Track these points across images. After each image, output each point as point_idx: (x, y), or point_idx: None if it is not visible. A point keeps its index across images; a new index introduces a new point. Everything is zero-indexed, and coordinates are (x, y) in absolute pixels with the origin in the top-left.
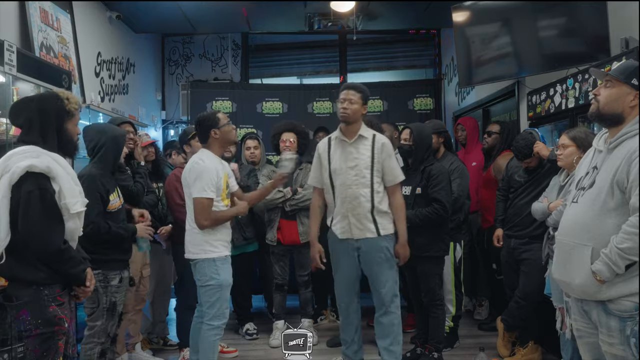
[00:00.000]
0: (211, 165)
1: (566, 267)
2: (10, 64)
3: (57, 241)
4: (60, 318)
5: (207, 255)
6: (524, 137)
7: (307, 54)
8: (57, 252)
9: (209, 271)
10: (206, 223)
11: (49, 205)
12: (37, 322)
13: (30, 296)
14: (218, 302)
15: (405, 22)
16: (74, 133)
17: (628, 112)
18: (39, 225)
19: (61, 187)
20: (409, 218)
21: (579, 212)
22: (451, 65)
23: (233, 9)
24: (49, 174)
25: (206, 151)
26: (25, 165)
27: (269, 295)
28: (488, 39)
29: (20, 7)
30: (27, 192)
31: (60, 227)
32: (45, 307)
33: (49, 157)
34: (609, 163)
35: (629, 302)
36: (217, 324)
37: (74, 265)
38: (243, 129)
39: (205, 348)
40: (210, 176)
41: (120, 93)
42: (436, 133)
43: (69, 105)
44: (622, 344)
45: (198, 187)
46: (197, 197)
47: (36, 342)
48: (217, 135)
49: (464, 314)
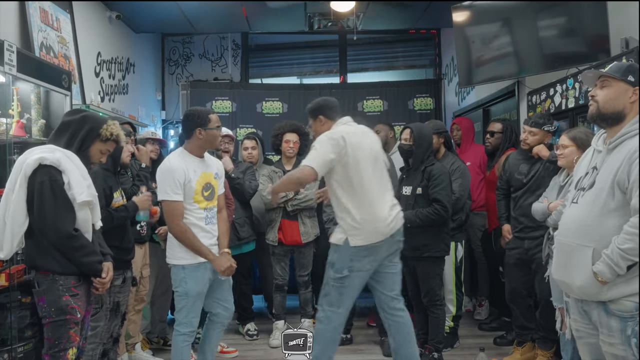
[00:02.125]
0: (177, 165)
1: (566, 267)
2: (10, 64)
3: (68, 227)
4: (73, 308)
5: (177, 262)
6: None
7: (307, 54)
8: (68, 237)
9: (177, 277)
10: (174, 230)
11: (59, 195)
12: (51, 310)
13: (47, 284)
14: (184, 309)
15: (405, 22)
16: (95, 156)
17: (629, 108)
18: (50, 212)
19: (70, 180)
20: (409, 218)
21: (579, 212)
22: (451, 65)
23: (233, 9)
24: (59, 167)
25: (181, 150)
26: (37, 157)
27: (269, 295)
28: (488, 39)
29: (20, 7)
30: (40, 183)
31: (70, 214)
32: (59, 297)
33: (61, 153)
34: (609, 163)
35: (630, 302)
36: (184, 330)
37: (87, 254)
38: (243, 128)
39: (173, 353)
40: (174, 177)
41: (120, 93)
42: (436, 133)
43: (103, 130)
44: (622, 344)
45: (161, 189)
46: (161, 199)
47: (50, 330)
48: (202, 136)
49: (464, 314)
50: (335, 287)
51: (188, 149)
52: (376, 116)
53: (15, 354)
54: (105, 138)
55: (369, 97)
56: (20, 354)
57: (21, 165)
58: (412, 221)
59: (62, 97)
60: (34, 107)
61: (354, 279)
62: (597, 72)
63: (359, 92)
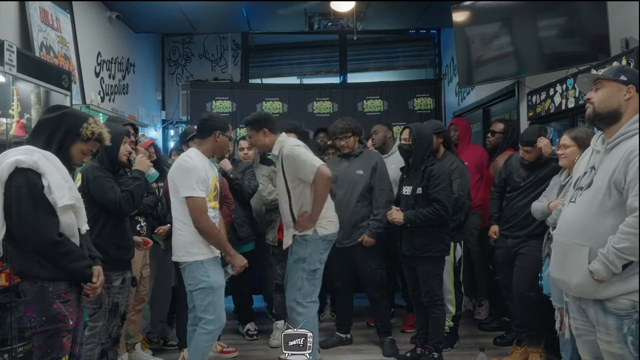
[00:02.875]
0: (199, 163)
1: (564, 266)
2: (10, 64)
3: (51, 233)
4: (65, 315)
5: (195, 258)
6: (533, 127)
7: (307, 54)
8: (52, 244)
9: (198, 274)
10: (201, 225)
11: (39, 199)
12: (42, 319)
13: (35, 293)
14: (211, 305)
15: (405, 22)
16: (76, 157)
17: (625, 106)
18: (30, 218)
19: (50, 183)
20: (409, 218)
21: (576, 212)
22: (451, 65)
23: (233, 9)
24: (38, 170)
25: (195, 150)
26: (12, 161)
27: (269, 295)
28: (488, 39)
29: (20, 7)
30: (17, 188)
31: (53, 219)
32: (49, 304)
33: (39, 154)
34: (607, 163)
35: (627, 300)
36: (211, 328)
37: (74, 259)
38: (243, 128)
39: (194, 353)
40: (199, 174)
41: (120, 93)
42: (435, 133)
43: (83, 129)
44: (619, 342)
45: (187, 185)
46: (188, 196)
47: (41, 339)
48: (219, 140)
49: (464, 314)
50: (308, 280)
51: (202, 149)
52: (376, 116)
53: (15, 354)
54: (86, 138)
55: (369, 97)
56: (20, 354)
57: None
58: (412, 221)
59: (62, 97)
60: (34, 107)
61: (322, 270)
62: (591, 75)
63: (359, 92)
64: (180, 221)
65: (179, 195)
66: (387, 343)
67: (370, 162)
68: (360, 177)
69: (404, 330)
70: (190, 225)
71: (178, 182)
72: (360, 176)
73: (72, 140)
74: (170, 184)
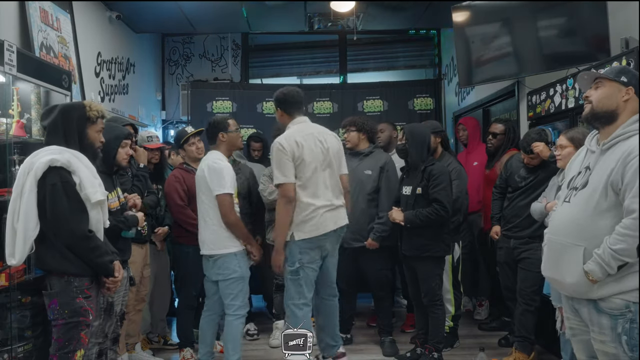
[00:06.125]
0: (228, 164)
1: (557, 265)
2: (10, 64)
3: (83, 228)
4: (86, 310)
5: (229, 250)
6: (529, 133)
7: (307, 54)
8: (84, 239)
9: (232, 265)
10: (231, 219)
11: (72, 196)
12: (64, 312)
13: (61, 287)
14: (241, 293)
15: (405, 22)
16: (95, 139)
17: (622, 107)
18: (65, 214)
19: (81, 180)
20: (409, 218)
21: (571, 211)
22: (451, 65)
23: (233, 9)
24: (69, 168)
25: (217, 152)
26: (47, 160)
27: (269, 295)
28: (488, 39)
29: (20, 7)
30: (51, 185)
31: (84, 215)
32: (73, 299)
33: (69, 153)
34: (603, 164)
35: (620, 299)
36: (242, 313)
37: (101, 254)
38: (243, 129)
39: (234, 337)
40: (230, 174)
41: (121, 93)
42: (433, 133)
43: (89, 112)
44: (613, 341)
45: (221, 184)
46: (221, 193)
47: (61, 331)
48: (225, 139)
49: (464, 314)
50: (292, 281)
51: (219, 151)
52: (376, 116)
53: (15, 354)
54: (95, 118)
55: (369, 97)
56: (20, 354)
57: (28, 169)
58: (412, 221)
59: (62, 97)
60: (34, 107)
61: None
62: (591, 74)
63: (359, 93)
64: (211, 217)
65: (212, 193)
66: (387, 343)
67: (379, 163)
68: (368, 178)
69: (404, 330)
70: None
71: (212, 181)
72: (368, 176)
73: (85, 125)
74: (201, 183)
